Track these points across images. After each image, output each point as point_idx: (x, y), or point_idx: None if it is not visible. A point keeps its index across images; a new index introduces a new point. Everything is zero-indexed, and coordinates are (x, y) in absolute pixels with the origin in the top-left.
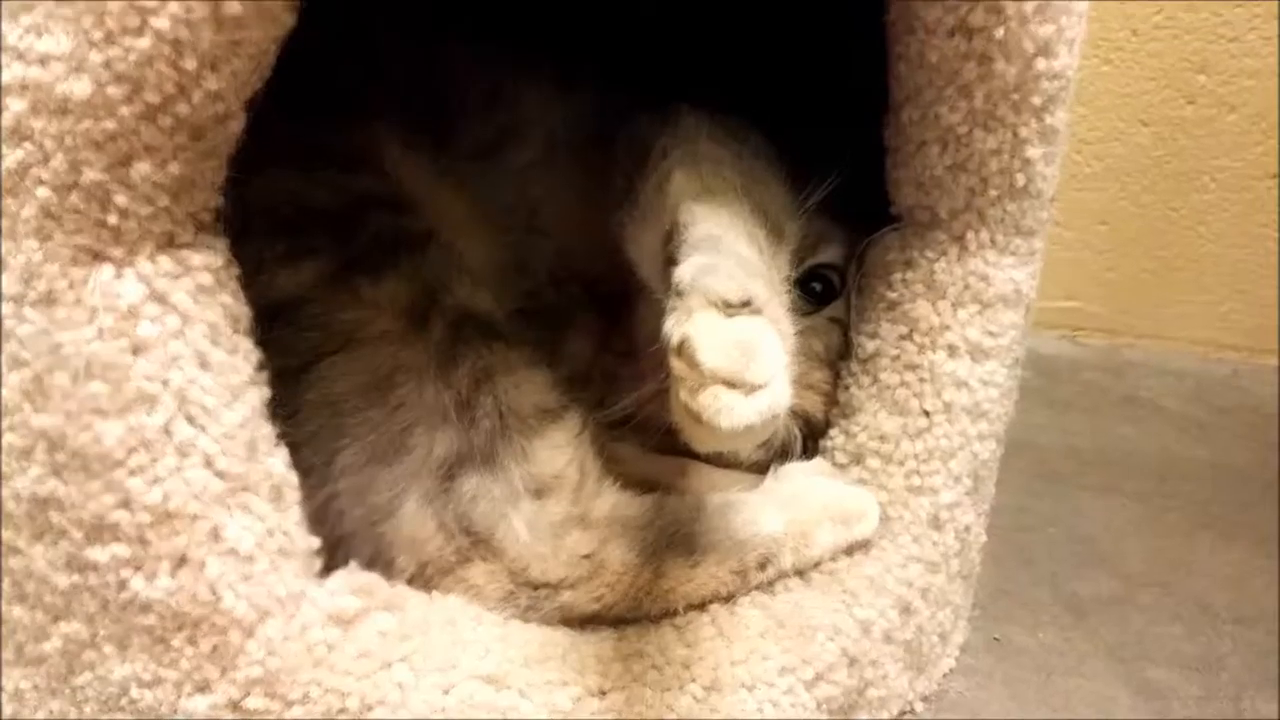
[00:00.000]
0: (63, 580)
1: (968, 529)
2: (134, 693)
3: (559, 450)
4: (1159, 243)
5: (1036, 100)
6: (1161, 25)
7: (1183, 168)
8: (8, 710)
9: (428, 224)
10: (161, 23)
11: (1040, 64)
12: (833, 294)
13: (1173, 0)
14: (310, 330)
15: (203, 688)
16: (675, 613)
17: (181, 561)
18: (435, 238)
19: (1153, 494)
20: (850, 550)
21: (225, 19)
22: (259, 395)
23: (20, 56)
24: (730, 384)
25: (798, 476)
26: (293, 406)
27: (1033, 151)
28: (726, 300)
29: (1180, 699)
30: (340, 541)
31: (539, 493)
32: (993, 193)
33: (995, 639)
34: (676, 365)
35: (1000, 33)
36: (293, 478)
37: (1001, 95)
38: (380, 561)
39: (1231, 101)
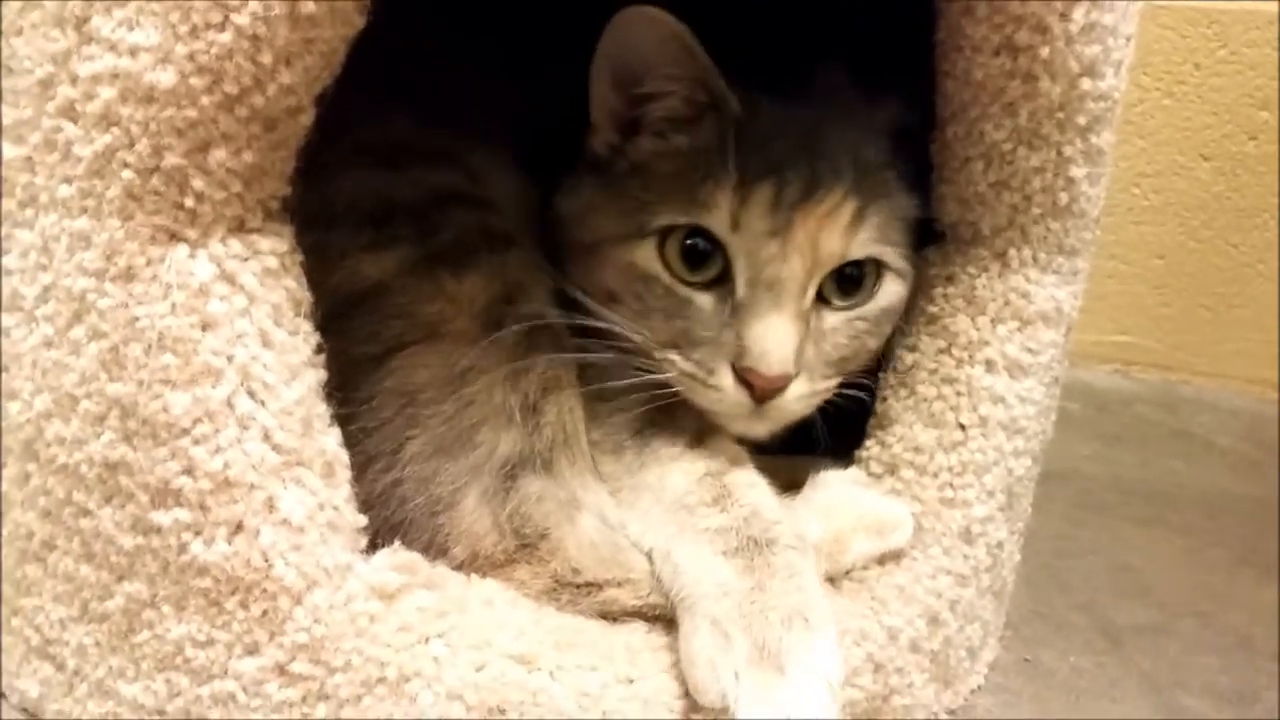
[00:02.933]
0: (128, 542)
1: (1000, 545)
2: (189, 652)
3: None
4: (1216, 279)
5: (1081, 120)
6: (1225, 60)
7: (1242, 204)
8: (71, 665)
9: (509, 226)
10: (242, 19)
11: (1085, 84)
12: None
13: (1237, 35)
14: (395, 318)
15: (252, 650)
16: None
17: (238, 528)
18: (517, 241)
19: (1197, 528)
20: (882, 560)
21: (301, 17)
22: (316, 376)
23: (112, 48)
24: None
25: (834, 485)
26: (368, 392)
27: (1077, 171)
28: None
29: None
30: (397, 526)
31: (604, 519)
32: (1036, 210)
33: (1026, 660)
34: None
35: (1045, 52)
36: (344, 456)
37: (1046, 114)
38: (434, 548)
39: None
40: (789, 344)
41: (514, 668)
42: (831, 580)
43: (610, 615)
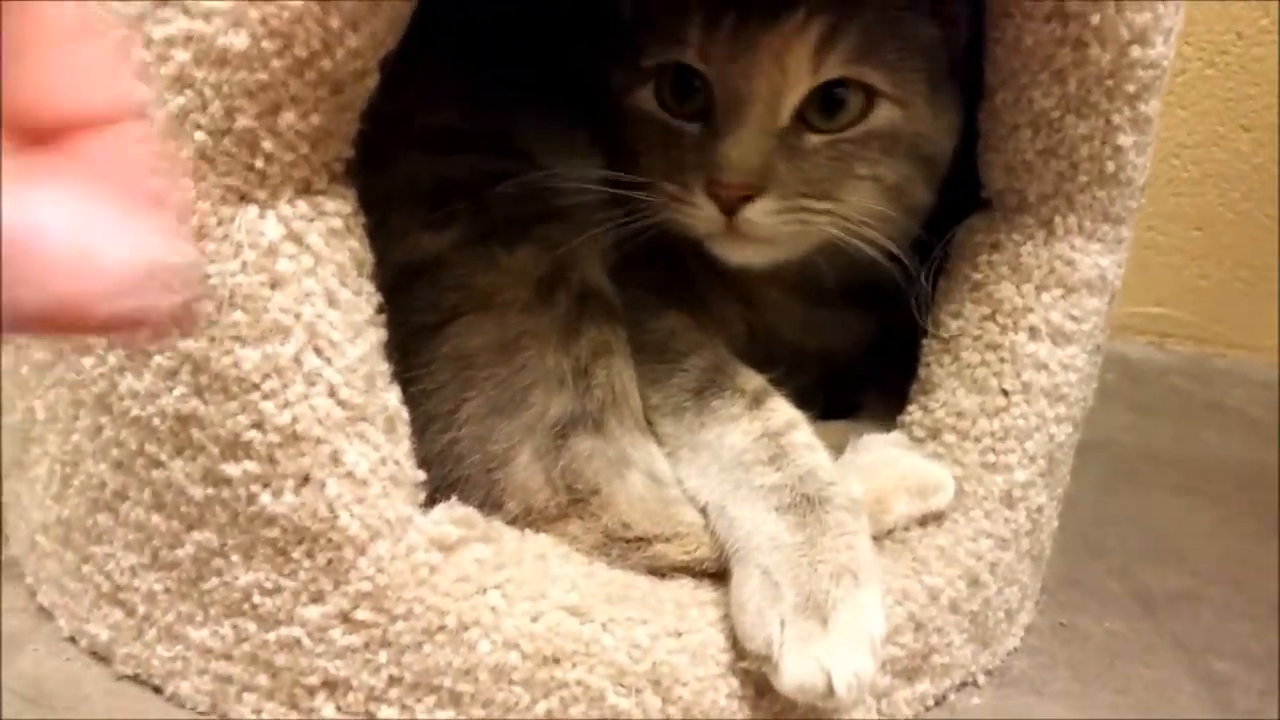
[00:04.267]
0: (198, 492)
1: (1040, 510)
2: (256, 599)
3: None
4: (1254, 251)
5: (1130, 88)
6: (1267, 29)
7: None
8: (141, 610)
9: (558, 201)
10: None
11: (1135, 51)
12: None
13: None
14: (452, 290)
15: (317, 598)
16: None
17: (305, 480)
18: (567, 214)
19: (1231, 497)
20: (924, 521)
21: None
22: (377, 335)
23: (186, 11)
24: None
25: (877, 447)
26: (426, 358)
27: (1124, 139)
28: None
29: (1243, 690)
30: (455, 483)
31: (654, 477)
32: (1082, 178)
33: (1062, 624)
34: None
35: (1096, 18)
36: (404, 413)
37: (1095, 81)
38: (489, 504)
39: None
40: (751, 154)
41: (568, 619)
42: (874, 540)
43: (659, 570)
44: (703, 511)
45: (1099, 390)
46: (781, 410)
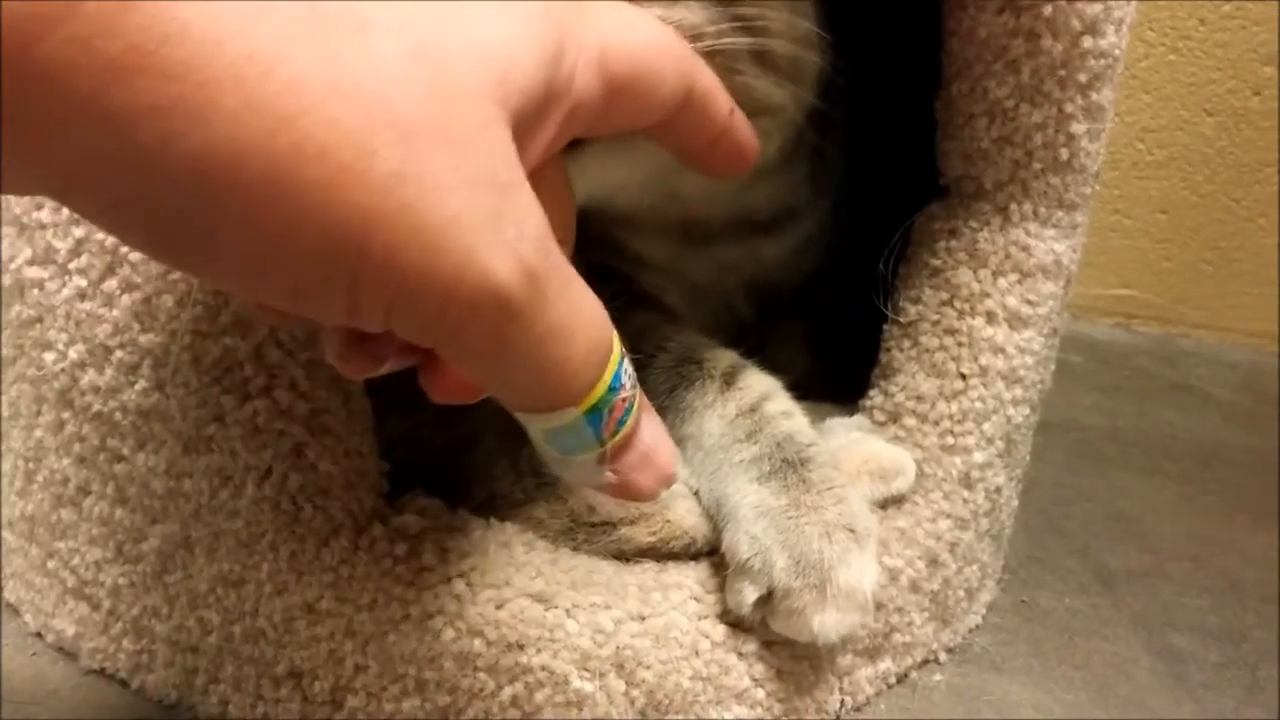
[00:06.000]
0: (161, 486)
1: (999, 490)
2: (220, 591)
3: None
4: (1218, 233)
5: (1082, 77)
6: (1230, 15)
7: (1246, 159)
8: (106, 605)
9: None
10: None
11: (1087, 42)
12: None
13: None
14: None
15: (282, 590)
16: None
17: (266, 474)
18: None
19: (1193, 477)
20: (884, 505)
21: None
22: None
23: None
24: None
25: (840, 431)
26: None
27: (1077, 127)
28: None
29: (1199, 664)
30: (418, 469)
31: None
32: (1037, 166)
33: (1023, 601)
34: None
35: (1048, 10)
36: (367, 405)
37: (1048, 71)
38: (454, 489)
39: None
40: None
41: (532, 605)
42: None
43: (624, 555)
44: (696, 495)
45: (1065, 371)
46: (754, 385)
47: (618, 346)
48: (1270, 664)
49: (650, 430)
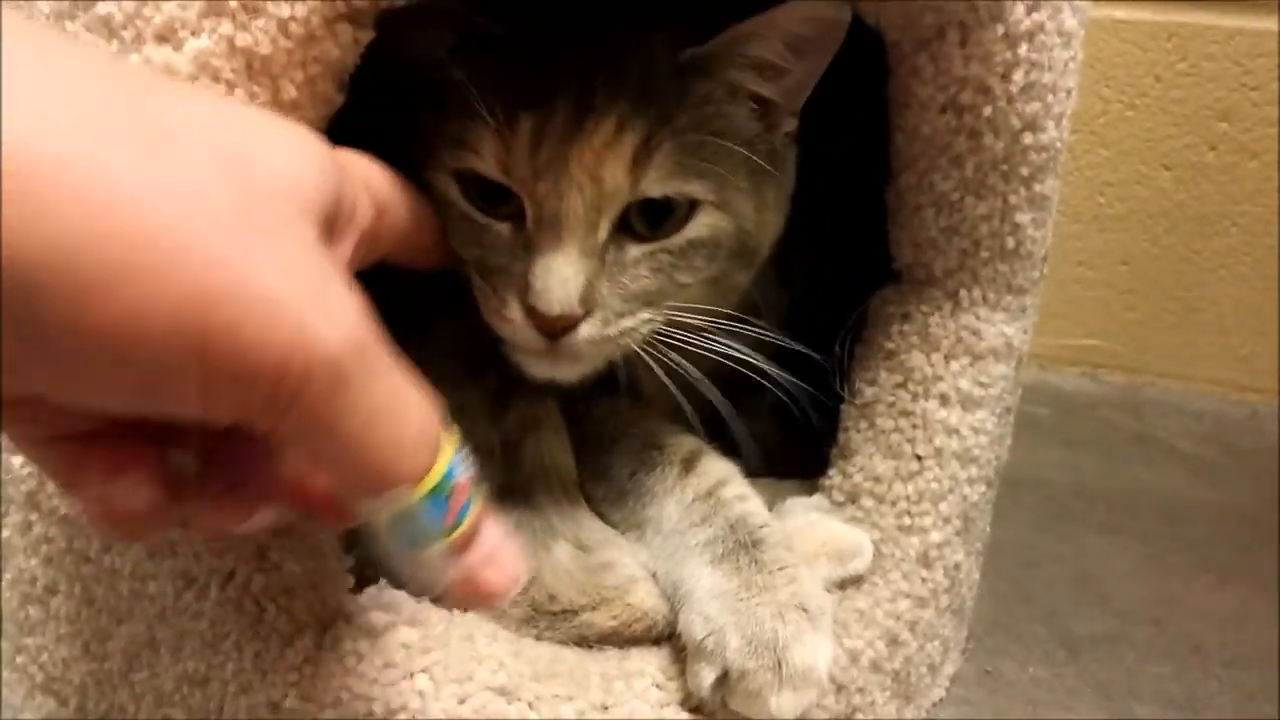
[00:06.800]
0: (126, 588)
1: (957, 566)
2: (185, 690)
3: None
4: (1180, 284)
5: (1025, 171)
6: (1185, 73)
7: (1204, 211)
8: (74, 702)
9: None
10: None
11: (1027, 138)
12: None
13: (1196, 49)
14: None
15: (246, 689)
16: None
17: (230, 576)
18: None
19: (1157, 535)
20: (843, 585)
21: (285, 102)
22: None
23: None
24: None
25: (798, 511)
26: None
27: (1022, 217)
28: None
29: None
30: (380, 561)
31: (580, 545)
32: (984, 254)
33: (987, 671)
34: None
35: (988, 110)
36: None
37: (991, 166)
38: (415, 581)
39: (1253, 149)
40: (572, 283)
41: (495, 699)
42: None
43: (586, 641)
44: (654, 577)
45: (1032, 425)
46: (712, 470)
47: (454, 438)
48: None
49: (494, 530)
